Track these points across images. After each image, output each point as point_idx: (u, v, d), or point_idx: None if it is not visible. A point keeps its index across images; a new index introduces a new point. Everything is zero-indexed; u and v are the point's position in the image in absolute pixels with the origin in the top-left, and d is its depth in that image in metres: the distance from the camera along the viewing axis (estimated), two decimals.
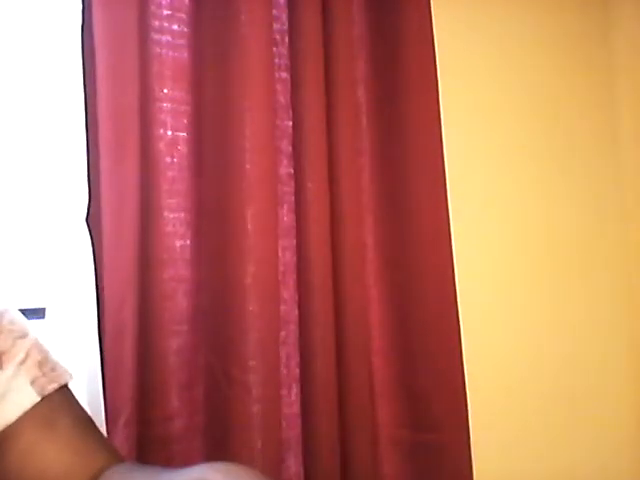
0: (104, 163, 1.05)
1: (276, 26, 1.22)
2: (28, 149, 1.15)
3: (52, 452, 0.74)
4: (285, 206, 1.22)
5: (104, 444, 0.80)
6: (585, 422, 1.59)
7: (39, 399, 0.74)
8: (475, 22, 1.53)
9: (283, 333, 1.19)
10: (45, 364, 0.77)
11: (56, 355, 0.80)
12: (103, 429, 1.01)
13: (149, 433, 1.07)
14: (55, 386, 0.76)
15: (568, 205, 1.63)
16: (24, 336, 0.77)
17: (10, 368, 0.74)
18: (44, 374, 0.76)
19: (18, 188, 1.16)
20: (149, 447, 1.07)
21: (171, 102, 1.15)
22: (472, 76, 1.52)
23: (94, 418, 1.00)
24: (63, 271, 1.05)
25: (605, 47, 1.73)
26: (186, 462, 1.11)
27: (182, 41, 1.16)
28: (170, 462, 1.10)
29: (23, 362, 0.75)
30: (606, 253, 1.68)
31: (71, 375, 0.80)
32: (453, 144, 1.35)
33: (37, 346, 0.78)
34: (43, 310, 1.05)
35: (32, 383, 0.75)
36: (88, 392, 1.02)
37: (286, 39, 1.23)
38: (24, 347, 0.76)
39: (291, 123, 1.22)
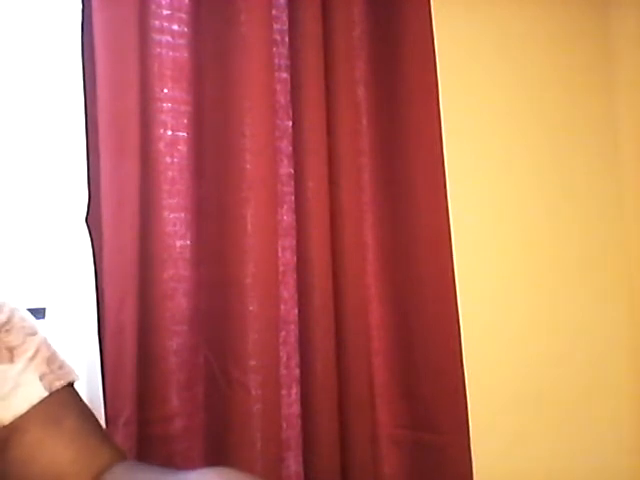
0: (104, 163, 1.05)
1: (276, 26, 1.22)
2: (28, 149, 1.15)
3: (57, 447, 0.75)
4: (285, 206, 1.22)
5: (108, 442, 0.81)
6: (585, 422, 1.59)
7: (47, 394, 0.76)
8: (475, 22, 1.53)
9: (283, 333, 1.19)
10: (53, 362, 0.79)
11: (62, 354, 0.82)
12: None
13: (149, 433, 1.07)
14: (62, 383, 0.78)
15: (567, 204, 1.64)
16: (34, 333, 0.79)
17: (20, 363, 0.76)
18: (52, 371, 0.78)
19: (18, 188, 1.16)
20: (149, 447, 1.07)
21: (171, 102, 1.15)
22: (472, 76, 1.52)
23: None
24: (63, 271, 1.05)
25: (605, 47, 1.73)
26: (186, 462, 1.11)
27: (182, 41, 1.16)
28: (170, 462, 1.10)
29: (33, 358, 0.77)
30: (606, 253, 1.68)
31: (77, 375, 0.82)
32: (453, 143, 1.35)
33: (46, 344, 0.80)
34: (43, 310, 1.05)
35: (41, 379, 0.77)
36: (88, 392, 1.02)
37: (286, 39, 1.23)
38: (34, 344, 0.78)
39: (291, 123, 1.22)
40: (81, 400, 0.82)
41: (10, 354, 0.76)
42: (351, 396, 1.20)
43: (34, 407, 0.75)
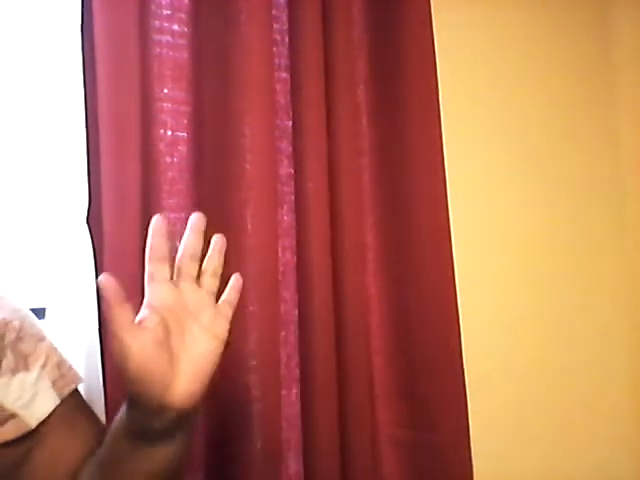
0: (104, 163, 1.05)
1: (276, 26, 1.22)
2: (28, 150, 1.15)
3: (76, 450, 0.80)
4: (285, 206, 1.22)
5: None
6: (585, 422, 1.59)
7: (59, 401, 0.80)
8: (475, 22, 1.53)
9: (283, 333, 1.19)
10: (63, 364, 0.83)
11: (67, 357, 0.85)
12: None
13: None
14: (71, 388, 0.82)
15: (568, 204, 1.64)
16: (43, 339, 0.82)
17: (35, 371, 0.79)
18: (62, 376, 0.82)
19: (18, 189, 1.16)
20: None
21: (171, 102, 1.15)
22: (472, 76, 1.52)
23: None
24: (63, 271, 1.05)
25: (605, 46, 1.73)
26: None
27: (182, 41, 1.16)
28: None
29: (45, 365, 0.80)
30: (607, 253, 1.69)
31: (81, 377, 0.86)
32: (453, 143, 1.35)
33: (53, 349, 0.83)
34: (43, 310, 1.05)
35: (53, 385, 0.80)
36: (88, 392, 1.02)
37: (286, 39, 1.23)
38: (44, 350, 0.81)
39: (291, 123, 1.22)
40: (84, 401, 0.87)
41: (25, 362, 0.79)
42: (351, 396, 1.20)
43: (51, 413, 0.79)
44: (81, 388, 0.90)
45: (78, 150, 1.05)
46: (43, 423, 0.78)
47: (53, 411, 0.79)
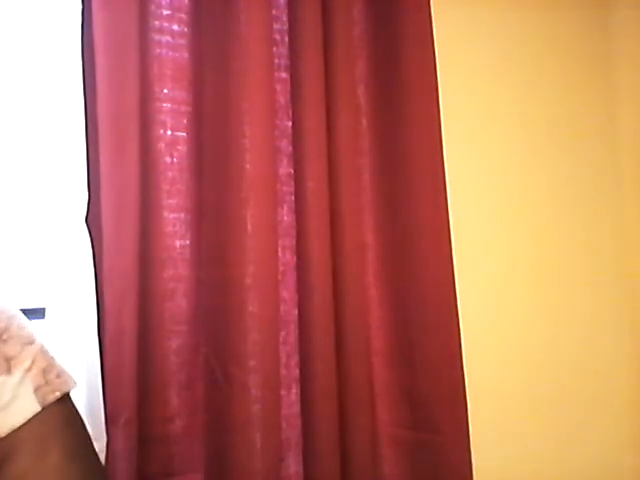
0: (104, 163, 1.05)
1: (276, 26, 1.22)
2: (28, 149, 1.15)
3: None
4: (285, 206, 1.22)
5: (86, 473, 0.79)
6: (584, 422, 1.59)
7: (40, 409, 0.75)
8: (475, 22, 1.53)
9: (283, 333, 1.19)
10: (50, 371, 0.78)
11: (60, 361, 0.81)
12: (103, 429, 1.01)
13: (149, 433, 1.07)
14: (57, 395, 0.77)
15: (568, 204, 1.63)
16: (31, 342, 0.78)
17: (17, 374, 0.75)
18: (47, 382, 0.77)
19: (18, 188, 1.16)
20: (149, 447, 1.07)
21: (171, 102, 1.15)
22: (472, 75, 1.52)
23: (94, 418, 1.00)
24: (63, 271, 1.05)
25: (605, 45, 1.73)
26: (186, 461, 1.11)
27: (182, 41, 1.16)
28: (170, 462, 1.10)
29: (29, 369, 0.76)
30: (607, 255, 1.68)
31: (75, 382, 0.80)
32: (453, 143, 1.35)
33: (43, 352, 0.79)
34: (43, 310, 1.05)
35: (35, 391, 0.76)
36: (88, 392, 1.02)
37: (286, 39, 1.23)
38: (31, 353, 0.77)
39: (291, 123, 1.22)
40: (73, 415, 0.80)
41: (7, 364, 0.75)
42: (351, 396, 1.20)
43: (28, 422, 0.74)
44: (80, 388, 0.89)
45: (78, 150, 1.05)
46: (17, 432, 0.73)
47: (32, 419, 0.74)
